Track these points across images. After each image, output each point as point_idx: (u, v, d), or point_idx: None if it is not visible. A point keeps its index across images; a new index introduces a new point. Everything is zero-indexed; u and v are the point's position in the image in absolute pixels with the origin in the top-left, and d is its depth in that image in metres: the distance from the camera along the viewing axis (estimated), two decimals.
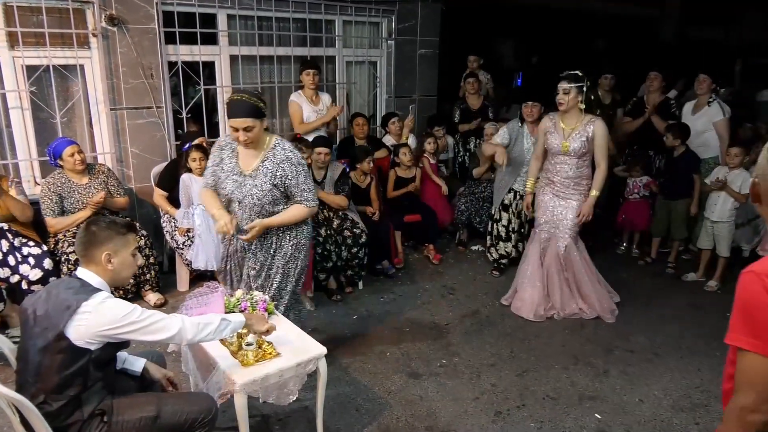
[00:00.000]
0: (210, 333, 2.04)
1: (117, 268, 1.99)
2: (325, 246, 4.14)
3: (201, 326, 2.02)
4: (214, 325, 2.05)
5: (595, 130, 3.73)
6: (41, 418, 1.82)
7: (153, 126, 4.51)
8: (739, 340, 1.24)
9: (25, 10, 3.93)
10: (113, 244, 1.98)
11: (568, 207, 3.89)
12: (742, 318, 1.25)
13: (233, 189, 2.82)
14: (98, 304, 1.86)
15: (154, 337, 1.93)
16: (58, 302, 1.86)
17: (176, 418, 2.03)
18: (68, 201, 3.82)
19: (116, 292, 3.96)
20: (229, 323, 2.10)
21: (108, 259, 1.96)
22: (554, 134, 3.83)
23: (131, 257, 2.04)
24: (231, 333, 2.14)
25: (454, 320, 3.98)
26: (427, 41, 6.13)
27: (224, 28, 4.80)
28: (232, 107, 2.68)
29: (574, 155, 3.78)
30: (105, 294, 1.92)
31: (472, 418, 2.92)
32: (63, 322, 1.83)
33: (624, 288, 4.50)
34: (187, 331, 1.98)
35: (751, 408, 1.23)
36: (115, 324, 1.86)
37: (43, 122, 4.23)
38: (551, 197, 3.94)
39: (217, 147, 2.92)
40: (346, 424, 2.84)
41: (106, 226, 2.00)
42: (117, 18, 4.16)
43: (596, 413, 2.99)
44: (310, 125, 4.74)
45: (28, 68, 4.02)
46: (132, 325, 1.88)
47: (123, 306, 1.90)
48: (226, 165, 2.85)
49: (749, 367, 1.23)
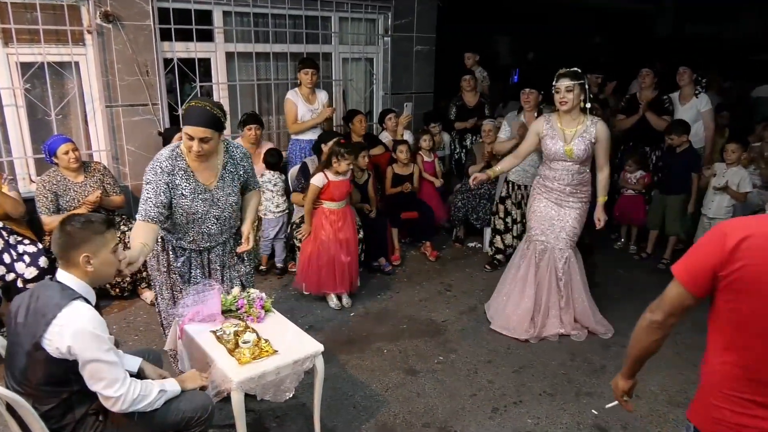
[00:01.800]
0: (145, 405, 1.95)
1: (98, 268, 1.92)
2: None
3: (139, 398, 1.92)
4: (150, 398, 1.96)
5: (598, 132, 3.46)
6: (38, 419, 1.81)
7: (149, 123, 4.49)
8: (677, 269, 1.51)
9: (19, 6, 3.90)
10: (91, 244, 1.89)
11: (568, 215, 3.61)
12: (689, 254, 1.49)
13: (207, 209, 2.63)
14: (73, 315, 1.79)
15: (97, 385, 1.84)
16: (35, 311, 1.82)
17: (173, 416, 2.03)
18: (64, 199, 3.80)
19: (113, 290, 3.96)
20: (165, 392, 2.02)
21: (87, 261, 1.89)
22: (553, 138, 3.52)
23: (112, 255, 1.97)
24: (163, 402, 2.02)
25: (451, 317, 3.98)
26: (424, 38, 6.12)
27: (220, 25, 4.78)
28: (191, 113, 2.45)
29: (578, 160, 3.50)
30: (80, 306, 1.83)
31: (470, 415, 2.92)
32: (39, 333, 1.78)
33: (620, 283, 4.52)
34: (125, 401, 1.88)
35: (658, 325, 1.58)
36: (80, 345, 1.78)
37: (38, 120, 4.21)
38: (549, 205, 3.64)
39: (158, 173, 2.52)
40: (344, 421, 2.84)
41: (82, 226, 1.90)
42: (112, 15, 4.14)
43: (593, 409, 2.99)
44: (302, 125, 4.73)
45: (23, 65, 4.00)
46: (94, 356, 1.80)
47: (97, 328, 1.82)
48: (184, 189, 2.56)
49: (672, 292, 1.53)
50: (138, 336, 3.63)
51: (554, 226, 3.65)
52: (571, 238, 3.65)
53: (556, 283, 3.68)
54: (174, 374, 2.45)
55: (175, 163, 2.56)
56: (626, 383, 1.81)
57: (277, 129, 5.41)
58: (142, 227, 2.49)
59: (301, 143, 4.80)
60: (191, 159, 2.57)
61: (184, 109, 2.61)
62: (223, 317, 2.56)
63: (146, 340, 3.55)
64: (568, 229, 3.63)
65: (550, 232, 3.66)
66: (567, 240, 3.64)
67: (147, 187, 2.54)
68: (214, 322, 2.53)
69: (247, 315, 2.58)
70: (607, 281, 4.58)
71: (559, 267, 3.65)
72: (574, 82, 3.40)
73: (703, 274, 1.43)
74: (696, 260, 1.46)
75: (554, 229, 3.65)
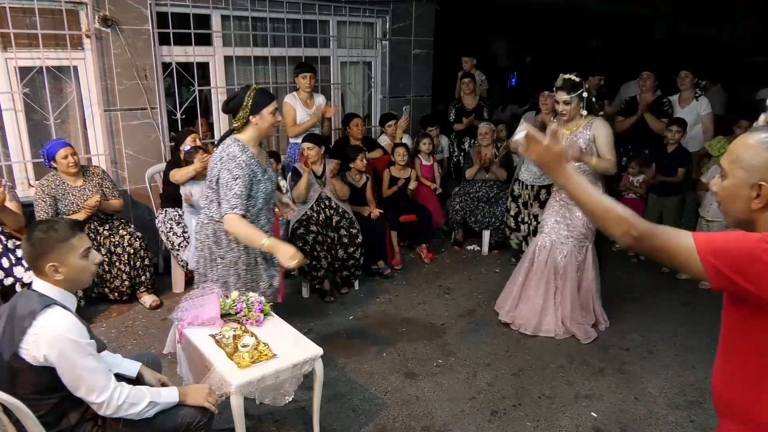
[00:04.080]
0: (135, 413, 1.91)
1: (68, 276, 1.87)
2: (313, 253, 4.11)
3: (126, 405, 1.88)
4: (140, 407, 1.91)
5: (594, 131, 3.53)
6: (37, 423, 1.80)
7: (147, 127, 4.49)
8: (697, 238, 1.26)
9: (18, 11, 3.91)
10: (56, 253, 1.83)
11: (575, 214, 3.65)
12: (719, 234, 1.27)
13: (273, 189, 2.87)
14: (48, 322, 1.76)
15: (78, 391, 1.82)
16: (12, 321, 1.79)
17: (172, 420, 2.02)
18: (62, 203, 3.80)
19: (112, 294, 3.95)
20: (156, 405, 1.96)
21: (54, 270, 1.84)
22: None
23: (82, 260, 1.90)
24: (155, 413, 1.97)
25: (450, 320, 3.98)
26: (422, 41, 6.14)
27: (218, 29, 4.79)
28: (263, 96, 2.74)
29: (573, 160, 3.47)
30: (55, 313, 1.79)
31: (469, 418, 2.92)
32: (15, 343, 1.76)
33: (618, 286, 4.52)
34: (109, 406, 1.85)
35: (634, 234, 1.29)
36: (56, 352, 1.75)
37: (36, 124, 4.21)
38: (560, 204, 3.74)
39: (243, 167, 2.61)
40: (343, 424, 2.84)
41: (44, 235, 1.84)
42: (110, 19, 4.14)
43: (592, 412, 3.00)
44: (300, 127, 4.74)
45: (21, 69, 4.01)
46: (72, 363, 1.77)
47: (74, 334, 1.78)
48: (261, 174, 2.71)
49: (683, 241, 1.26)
50: (137, 340, 3.62)
51: (561, 225, 3.72)
52: (577, 235, 3.68)
53: (554, 279, 3.74)
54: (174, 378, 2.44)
55: (247, 154, 2.68)
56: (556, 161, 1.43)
57: (276, 133, 5.41)
58: (244, 221, 2.63)
59: (299, 147, 4.79)
60: (253, 145, 2.73)
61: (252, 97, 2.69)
62: (222, 321, 2.56)
63: (145, 344, 3.55)
64: (575, 227, 3.67)
65: (557, 230, 3.72)
66: (572, 237, 3.68)
67: (237, 182, 2.61)
68: (213, 325, 2.53)
69: (246, 319, 2.58)
70: (605, 284, 4.57)
71: (558, 263, 3.70)
72: (572, 95, 3.48)
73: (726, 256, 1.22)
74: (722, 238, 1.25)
75: (561, 227, 3.71)
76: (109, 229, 3.96)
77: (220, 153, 2.68)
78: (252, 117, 2.68)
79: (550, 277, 3.73)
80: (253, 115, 2.68)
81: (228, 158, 2.63)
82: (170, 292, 4.32)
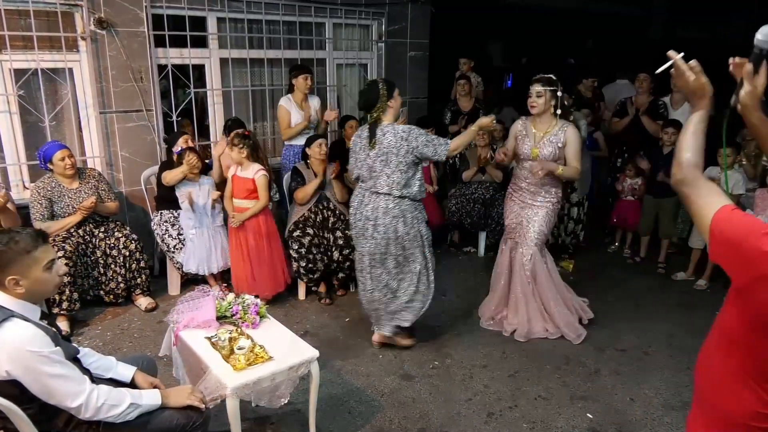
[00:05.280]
0: (115, 415, 1.88)
1: (30, 289, 1.81)
2: (309, 256, 4.12)
3: (105, 407, 1.85)
4: (120, 408, 1.88)
5: (567, 136, 3.58)
6: (30, 424, 1.80)
7: (143, 129, 4.49)
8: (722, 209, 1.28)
9: (13, 13, 3.90)
10: (17, 266, 1.77)
11: (534, 215, 3.70)
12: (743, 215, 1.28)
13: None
14: (6, 336, 1.71)
15: (51, 400, 1.79)
16: None
17: (166, 422, 2.01)
18: (58, 205, 3.79)
19: (107, 297, 3.94)
20: (138, 407, 1.93)
21: (15, 283, 1.78)
22: (525, 139, 3.69)
23: (45, 273, 1.84)
24: (137, 415, 1.94)
25: (446, 322, 3.99)
26: (417, 43, 6.15)
27: (214, 31, 4.79)
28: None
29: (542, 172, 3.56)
30: (13, 326, 1.74)
31: (465, 420, 2.93)
32: None
33: (614, 287, 4.54)
34: (87, 409, 1.82)
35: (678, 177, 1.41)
36: (17, 365, 1.71)
37: (31, 126, 4.20)
38: (518, 204, 3.79)
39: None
40: (339, 426, 2.84)
41: (5, 247, 1.76)
42: (106, 21, 4.14)
43: (588, 413, 3.00)
44: (295, 129, 4.74)
45: (16, 72, 4.00)
46: (37, 374, 1.73)
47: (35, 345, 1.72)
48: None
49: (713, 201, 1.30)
50: (132, 343, 3.61)
51: (521, 225, 3.76)
52: (536, 238, 3.71)
53: (528, 281, 3.76)
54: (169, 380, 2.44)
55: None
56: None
57: (272, 135, 5.41)
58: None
59: (295, 149, 4.80)
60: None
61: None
62: (218, 323, 2.56)
63: (140, 347, 3.54)
64: (534, 228, 3.70)
65: (519, 230, 3.78)
66: (532, 239, 3.70)
67: (426, 133, 3.26)
68: (209, 328, 2.53)
69: (242, 321, 2.58)
70: (601, 285, 4.60)
71: (525, 264, 3.74)
72: (545, 88, 3.56)
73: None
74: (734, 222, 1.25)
75: (521, 228, 3.76)
76: (105, 231, 3.95)
77: (397, 136, 3.19)
78: (389, 101, 3.25)
79: (524, 282, 3.76)
80: (389, 100, 3.25)
81: (407, 132, 3.20)
82: (166, 294, 4.31)
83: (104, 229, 3.96)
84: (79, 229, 3.84)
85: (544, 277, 3.75)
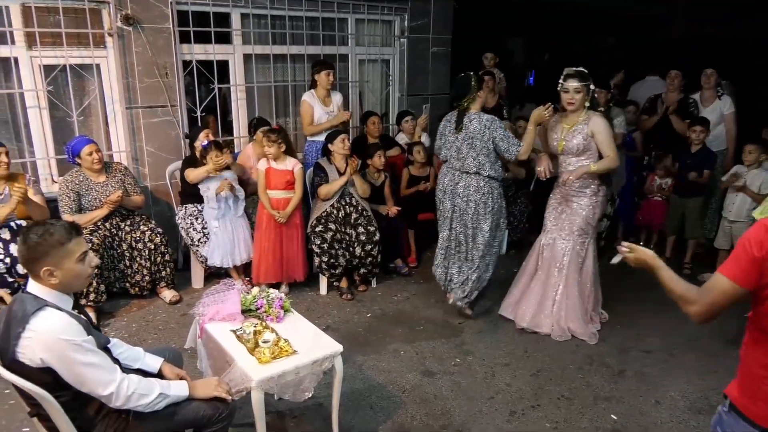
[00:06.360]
0: (143, 405, 1.92)
1: (63, 280, 1.84)
2: (331, 251, 4.14)
3: (135, 396, 1.89)
4: (149, 398, 1.92)
5: (592, 125, 3.50)
6: (62, 412, 1.83)
7: (167, 124, 4.54)
8: (724, 269, 1.54)
9: (43, 10, 3.97)
10: (51, 258, 1.80)
11: (576, 209, 3.66)
12: (735, 253, 1.53)
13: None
14: (41, 325, 1.75)
15: (83, 388, 1.82)
16: (7, 325, 1.79)
17: (193, 413, 2.03)
18: (86, 199, 3.86)
19: (133, 289, 4.00)
20: (166, 397, 1.96)
21: (49, 274, 1.81)
22: (553, 134, 3.67)
23: (78, 265, 1.87)
24: (165, 405, 1.97)
25: (467, 319, 3.97)
26: (440, 39, 6.11)
27: (238, 27, 4.83)
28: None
29: (571, 154, 3.58)
30: (47, 315, 1.78)
31: (487, 418, 2.91)
32: (11, 348, 1.76)
33: (639, 287, 4.46)
34: (118, 397, 1.86)
35: (697, 316, 1.61)
36: (51, 354, 1.75)
37: (59, 121, 4.28)
38: (559, 200, 3.76)
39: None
40: (361, 421, 2.85)
41: (41, 238, 1.80)
42: (132, 18, 4.19)
43: (612, 414, 2.96)
44: (318, 127, 4.74)
45: (46, 68, 4.07)
46: (70, 362, 1.77)
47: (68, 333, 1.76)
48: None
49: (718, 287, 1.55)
50: (156, 334, 3.66)
51: (562, 221, 3.72)
52: (578, 231, 3.68)
53: (556, 277, 3.73)
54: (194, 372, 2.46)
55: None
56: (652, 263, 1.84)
57: (294, 130, 5.44)
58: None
59: (317, 145, 4.80)
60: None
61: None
62: (242, 317, 2.58)
63: (165, 339, 3.59)
64: (576, 221, 3.67)
65: (558, 227, 3.74)
66: (573, 233, 3.68)
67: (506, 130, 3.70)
68: (233, 321, 2.55)
69: (266, 315, 2.59)
70: (626, 284, 4.53)
71: (560, 257, 3.71)
72: (582, 83, 3.48)
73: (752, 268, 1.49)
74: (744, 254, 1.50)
75: (562, 222, 3.73)
76: (131, 224, 4.01)
77: (482, 124, 3.61)
78: (479, 93, 3.69)
79: (551, 273, 3.75)
80: (479, 92, 3.68)
81: (490, 122, 3.63)
82: (189, 287, 4.36)
83: (130, 223, 4.02)
84: (106, 222, 3.91)
85: (575, 271, 3.70)
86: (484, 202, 3.73)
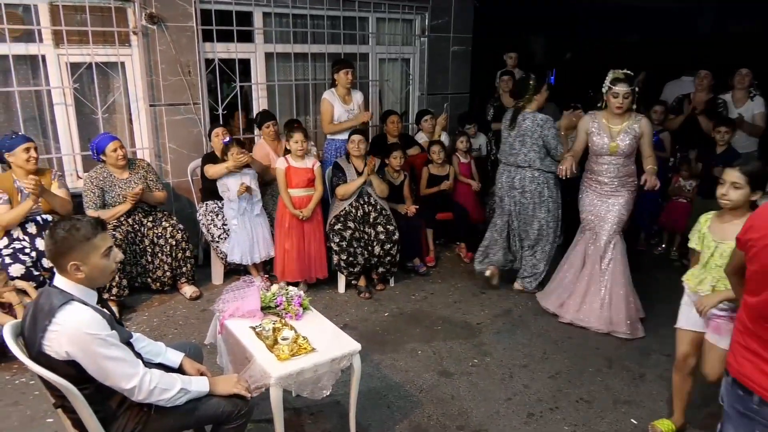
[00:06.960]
0: (164, 399, 1.94)
1: (89, 274, 1.88)
2: (349, 249, 4.15)
3: (157, 390, 1.91)
4: (171, 393, 1.95)
5: (642, 128, 3.64)
6: (86, 404, 1.86)
7: (190, 122, 4.59)
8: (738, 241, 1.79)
9: (70, 9, 4.05)
10: (78, 252, 1.84)
11: (614, 205, 3.76)
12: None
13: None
14: (67, 319, 1.78)
15: (107, 381, 1.85)
16: (34, 318, 1.82)
17: (213, 409, 2.05)
18: (109, 194, 3.92)
19: (154, 285, 4.06)
20: (187, 392, 1.99)
21: (76, 268, 1.85)
22: (599, 135, 3.70)
23: (103, 260, 1.91)
24: (186, 400, 2.00)
25: (486, 319, 3.95)
26: (460, 38, 6.09)
27: (260, 26, 4.86)
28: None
29: (622, 155, 3.67)
30: (73, 309, 1.81)
31: (504, 419, 2.89)
32: (37, 341, 1.79)
33: (661, 289, 4.39)
34: (141, 391, 1.89)
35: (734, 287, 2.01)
36: (76, 348, 1.78)
37: (85, 118, 4.36)
38: (598, 197, 3.82)
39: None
40: (378, 420, 2.85)
41: (67, 233, 1.84)
42: (157, 16, 4.25)
43: (632, 418, 2.93)
44: (338, 126, 4.75)
45: (72, 65, 4.15)
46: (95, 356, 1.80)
47: (93, 328, 1.79)
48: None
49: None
50: (177, 329, 3.71)
51: (599, 216, 3.81)
52: (618, 224, 3.78)
53: (600, 271, 3.80)
54: (213, 368, 2.48)
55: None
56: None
57: (314, 128, 5.46)
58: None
59: (337, 143, 4.82)
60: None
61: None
62: (262, 314, 2.60)
63: (185, 334, 3.63)
64: (614, 216, 3.76)
65: (599, 222, 3.82)
66: (614, 226, 3.77)
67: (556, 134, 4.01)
68: (253, 318, 2.58)
69: (285, 312, 2.61)
70: (647, 286, 4.46)
71: (603, 252, 3.78)
72: (630, 88, 3.57)
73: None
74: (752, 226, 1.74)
75: (599, 219, 3.81)
76: (153, 220, 4.07)
77: (535, 123, 3.91)
78: (536, 96, 3.94)
79: (601, 268, 3.81)
80: (536, 94, 3.94)
81: (543, 121, 3.91)
82: (209, 283, 4.41)
83: (152, 219, 4.08)
84: (128, 218, 3.97)
85: (618, 264, 3.77)
86: (539, 192, 4.04)
